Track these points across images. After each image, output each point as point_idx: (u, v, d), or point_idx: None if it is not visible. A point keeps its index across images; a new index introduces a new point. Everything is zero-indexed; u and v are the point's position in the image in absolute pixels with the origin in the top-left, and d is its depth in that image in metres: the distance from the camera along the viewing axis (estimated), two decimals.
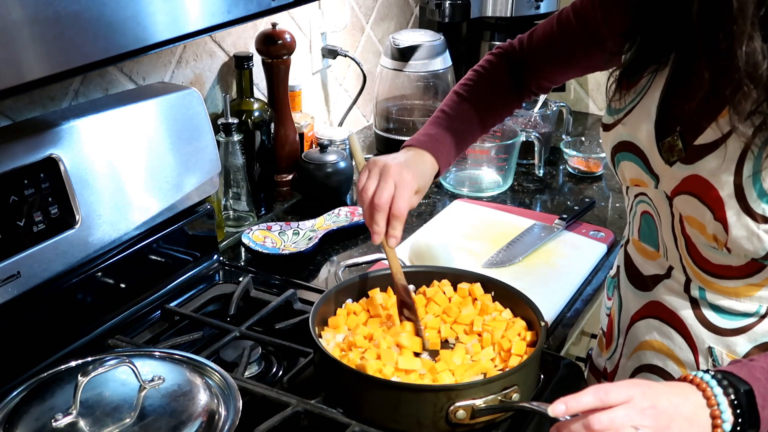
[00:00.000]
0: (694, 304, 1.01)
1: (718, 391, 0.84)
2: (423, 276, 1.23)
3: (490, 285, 1.21)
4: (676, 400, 0.84)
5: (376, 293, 1.19)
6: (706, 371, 0.87)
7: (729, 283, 0.97)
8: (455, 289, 1.21)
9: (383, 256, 1.37)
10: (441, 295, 1.19)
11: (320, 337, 1.11)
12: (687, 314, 1.02)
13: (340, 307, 1.18)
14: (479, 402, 0.99)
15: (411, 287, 1.21)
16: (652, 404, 0.83)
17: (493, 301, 1.20)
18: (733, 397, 0.84)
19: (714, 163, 0.90)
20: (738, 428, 0.84)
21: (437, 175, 1.19)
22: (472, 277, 1.22)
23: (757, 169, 0.87)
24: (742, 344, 0.99)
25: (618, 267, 1.19)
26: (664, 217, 1.01)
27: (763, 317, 0.97)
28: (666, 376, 1.08)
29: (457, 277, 1.22)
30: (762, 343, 0.98)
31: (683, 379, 0.88)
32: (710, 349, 1.01)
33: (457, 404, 0.98)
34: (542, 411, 0.98)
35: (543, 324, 1.10)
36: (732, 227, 0.89)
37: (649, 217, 1.05)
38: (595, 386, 0.84)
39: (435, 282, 1.22)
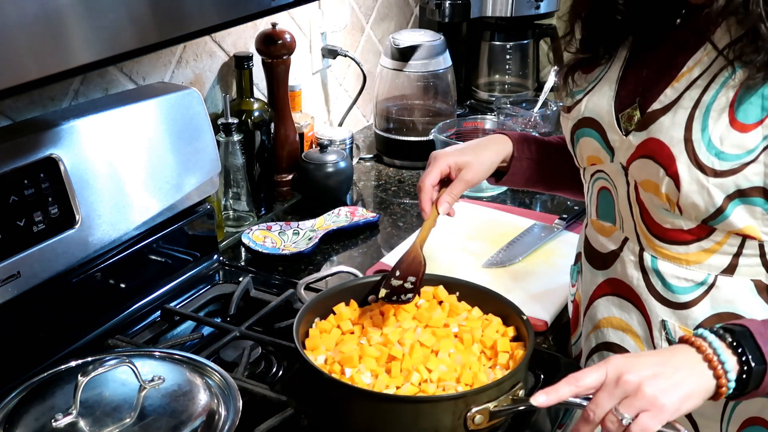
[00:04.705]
0: (647, 276, 1.04)
1: (711, 337, 0.85)
2: (382, 284, 1.19)
3: (453, 285, 1.20)
4: (659, 359, 0.86)
5: (341, 308, 1.16)
6: (696, 329, 0.90)
7: (680, 249, 1.00)
8: (419, 294, 1.19)
9: (342, 268, 1.33)
10: None
11: None
12: (641, 288, 1.05)
13: (311, 327, 1.14)
14: (494, 403, 0.99)
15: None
16: (631, 376, 0.82)
17: (459, 300, 1.19)
18: (730, 339, 0.84)
19: (666, 123, 0.95)
20: (743, 375, 0.83)
21: (513, 155, 1.21)
22: (433, 280, 1.21)
23: (705, 124, 0.91)
24: (693, 317, 1.01)
25: (578, 253, 1.20)
26: (620, 187, 1.05)
27: (710, 288, 1.00)
28: (622, 352, 1.09)
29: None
30: (714, 315, 1.00)
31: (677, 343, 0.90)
32: (663, 322, 1.03)
33: (474, 410, 0.98)
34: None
35: (525, 318, 1.11)
36: (683, 181, 0.93)
37: (606, 192, 1.08)
38: (570, 375, 0.86)
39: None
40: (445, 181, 1.19)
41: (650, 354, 0.93)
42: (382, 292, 1.15)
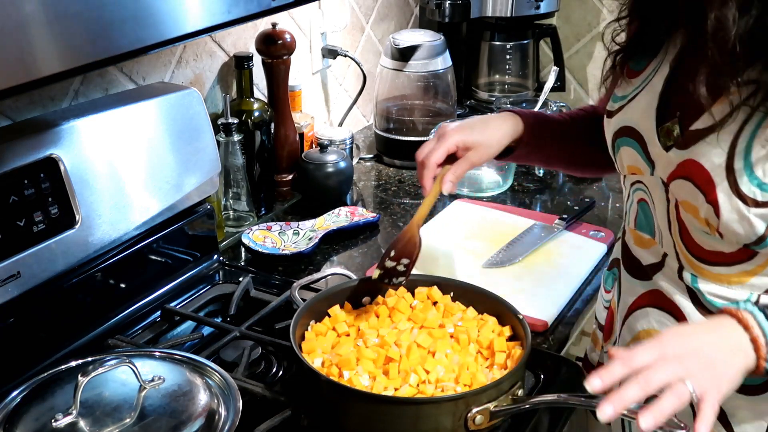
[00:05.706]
0: (690, 291, 1.02)
1: (757, 313, 0.87)
2: (376, 286, 1.20)
3: (446, 286, 1.20)
4: (708, 337, 0.89)
5: (336, 311, 1.16)
6: (746, 301, 0.90)
7: (721, 270, 0.97)
8: (413, 295, 1.19)
9: (336, 270, 1.34)
10: (403, 303, 1.17)
11: None
12: (683, 301, 1.03)
13: (307, 330, 1.14)
14: (495, 403, 0.99)
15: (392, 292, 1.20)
16: (684, 349, 0.85)
17: (453, 301, 1.19)
18: None
19: (707, 147, 0.92)
20: None
21: (522, 139, 1.19)
22: (427, 281, 1.21)
23: (749, 153, 0.89)
24: None
25: (616, 259, 1.19)
26: (659, 203, 1.02)
27: (754, 305, 0.97)
28: None
29: (411, 282, 1.19)
30: None
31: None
32: None
33: (475, 410, 0.98)
34: (562, 401, 0.98)
35: (521, 317, 1.11)
36: (723, 210, 0.91)
37: (645, 205, 1.06)
38: (621, 354, 0.85)
39: (391, 291, 1.19)
40: (450, 158, 1.16)
41: (696, 331, 0.92)
42: (376, 273, 1.16)
